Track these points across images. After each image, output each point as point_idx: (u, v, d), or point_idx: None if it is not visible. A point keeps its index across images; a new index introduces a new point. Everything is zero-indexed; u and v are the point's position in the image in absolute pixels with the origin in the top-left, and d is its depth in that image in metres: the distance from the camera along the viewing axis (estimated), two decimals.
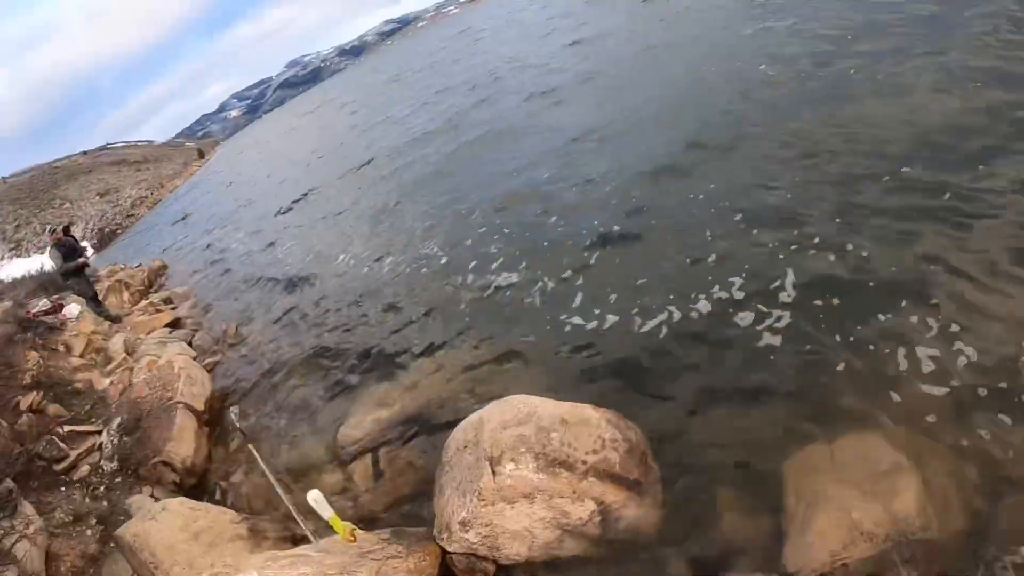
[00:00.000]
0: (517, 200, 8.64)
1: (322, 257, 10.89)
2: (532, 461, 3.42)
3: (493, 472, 3.43)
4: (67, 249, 12.92)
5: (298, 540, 4.32)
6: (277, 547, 4.22)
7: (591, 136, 9.53)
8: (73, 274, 12.77)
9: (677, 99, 9.49)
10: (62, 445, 6.75)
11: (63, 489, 6.10)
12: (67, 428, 7.17)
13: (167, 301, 14.01)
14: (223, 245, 17.76)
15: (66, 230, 13.76)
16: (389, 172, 14.03)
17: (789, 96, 7.76)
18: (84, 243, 15.66)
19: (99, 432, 6.95)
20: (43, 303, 12.98)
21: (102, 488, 6.11)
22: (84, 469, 6.38)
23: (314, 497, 3.66)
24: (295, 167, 23.94)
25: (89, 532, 5.47)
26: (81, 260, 13.19)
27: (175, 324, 11.52)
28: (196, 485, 6.14)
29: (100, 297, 13.53)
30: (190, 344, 9.86)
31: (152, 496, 5.91)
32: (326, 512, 3.65)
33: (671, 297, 5.19)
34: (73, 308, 12.06)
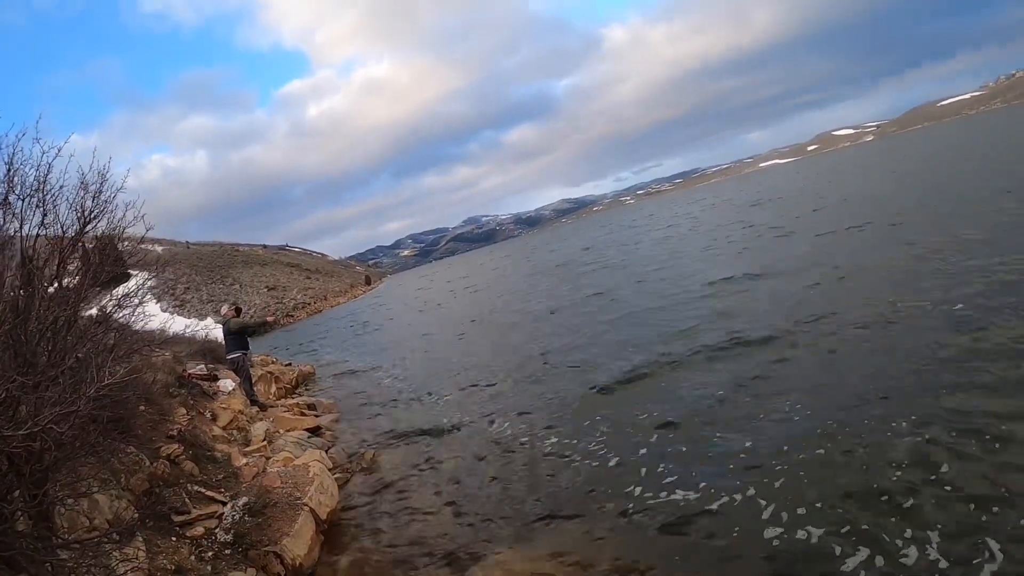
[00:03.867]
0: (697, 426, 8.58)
1: (475, 420, 11.14)
2: None
3: None
4: (239, 327, 14.39)
5: None
6: None
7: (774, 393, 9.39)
8: (238, 349, 14.08)
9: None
10: (187, 501, 7.37)
11: (174, 539, 6.58)
12: (196, 488, 7.84)
13: (311, 407, 14.96)
14: (375, 376, 18.77)
15: (238, 310, 15.33)
16: (550, 360, 14.30)
17: None
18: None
19: (224, 503, 7.49)
20: (200, 367, 14.33)
21: (210, 554, 6.52)
22: (199, 530, 6.86)
23: None
24: (459, 328, 24.77)
25: None
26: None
27: (315, 430, 12.25)
28: None
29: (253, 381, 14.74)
30: (325, 453, 10.45)
31: None
32: None
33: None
34: (228, 383, 13.23)
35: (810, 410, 7.75)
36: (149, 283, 9.17)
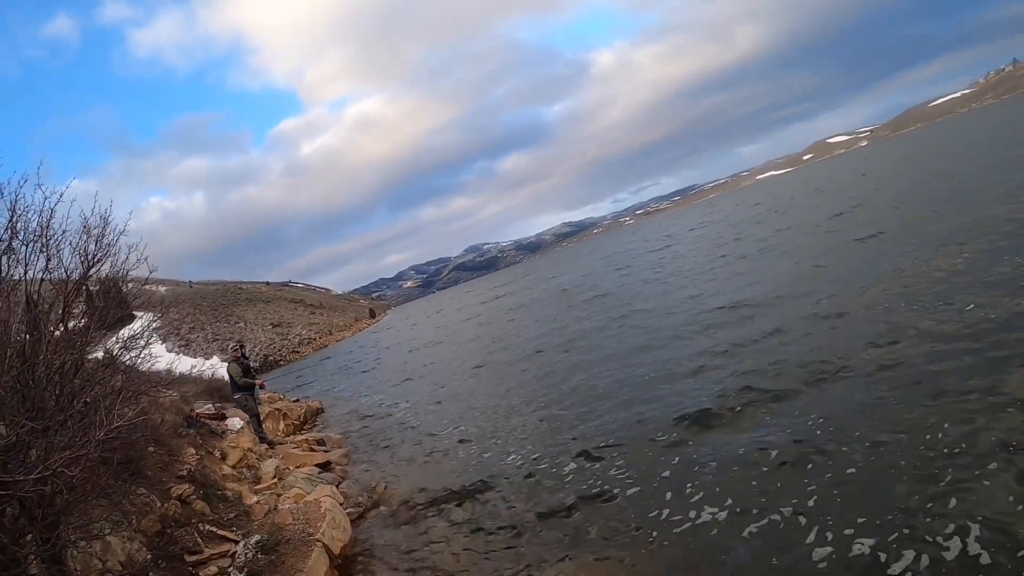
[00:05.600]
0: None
1: (490, 452, 10.96)
2: None
3: None
4: (244, 367, 14.49)
5: None
6: None
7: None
8: (244, 389, 14.17)
9: None
10: (199, 540, 7.39)
11: None
12: (207, 527, 7.86)
13: (320, 442, 15.00)
14: (383, 410, 18.68)
15: (241, 346, 15.40)
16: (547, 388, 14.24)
17: None
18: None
19: (236, 542, 7.50)
20: (208, 407, 14.38)
21: None
22: (212, 569, 6.87)
23: None
24: (467, 361, 24.17)
25: None
26: (260, 381, 14.79)
27: (325, 466, 12.27)
28: None
29: (261, 419, 14.81)
30: (336, 488, 10.46)
31: None
32: None
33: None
34: (236, 421, 13.26)
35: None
36: (154, 324, 9.24)
